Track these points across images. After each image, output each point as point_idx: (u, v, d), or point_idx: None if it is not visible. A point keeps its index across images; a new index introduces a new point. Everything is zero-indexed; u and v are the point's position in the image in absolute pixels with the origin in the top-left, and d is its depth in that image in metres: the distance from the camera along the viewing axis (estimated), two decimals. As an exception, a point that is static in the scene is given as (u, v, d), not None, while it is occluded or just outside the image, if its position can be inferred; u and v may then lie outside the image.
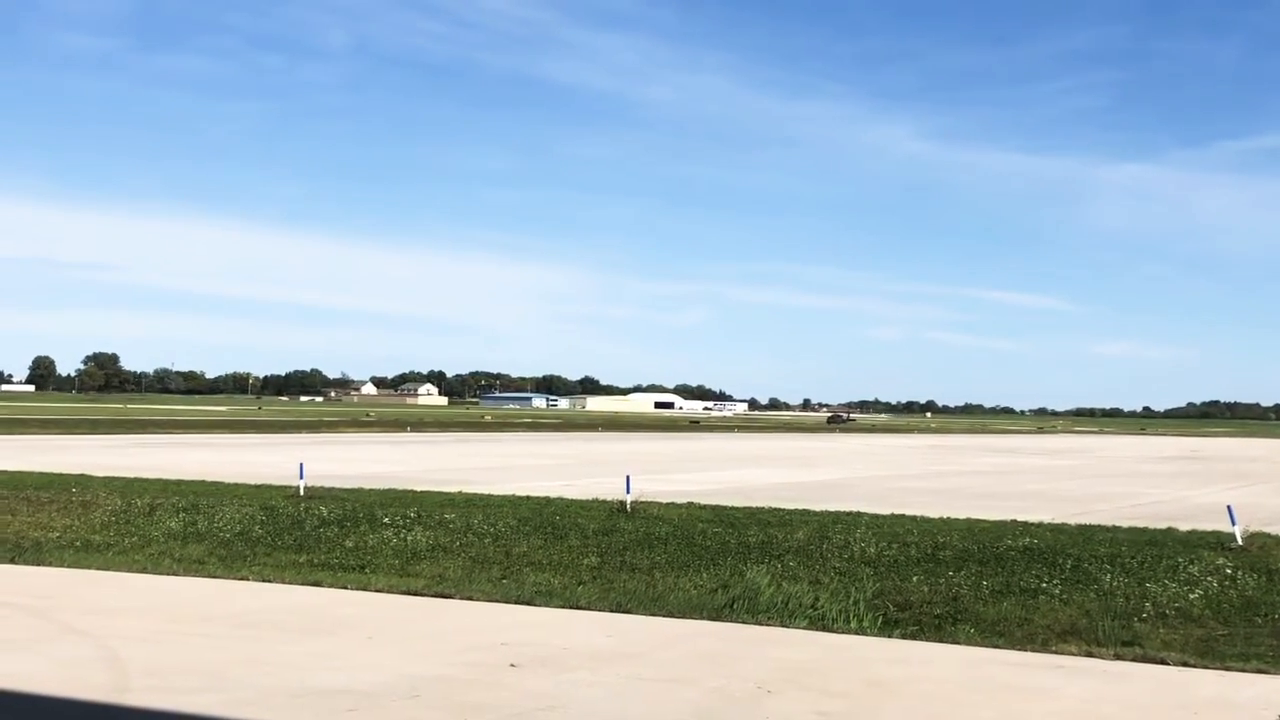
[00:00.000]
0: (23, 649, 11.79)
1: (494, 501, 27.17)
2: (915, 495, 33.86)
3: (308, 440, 71.04)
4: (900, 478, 44.20)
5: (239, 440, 68.93)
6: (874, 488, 37.35)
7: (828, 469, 49.50)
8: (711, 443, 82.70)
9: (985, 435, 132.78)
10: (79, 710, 9.70)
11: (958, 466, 55.28)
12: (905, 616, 14.07)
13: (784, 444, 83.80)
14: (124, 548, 18.69)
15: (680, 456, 59.06)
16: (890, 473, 47.83)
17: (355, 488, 30.45)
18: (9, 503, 24.66)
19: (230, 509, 23.73)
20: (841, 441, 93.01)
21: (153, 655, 11.53)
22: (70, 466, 37.18)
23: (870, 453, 70.58)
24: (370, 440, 73.50)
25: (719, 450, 68.87)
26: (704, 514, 25.04)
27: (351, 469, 40.54)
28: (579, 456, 57.10)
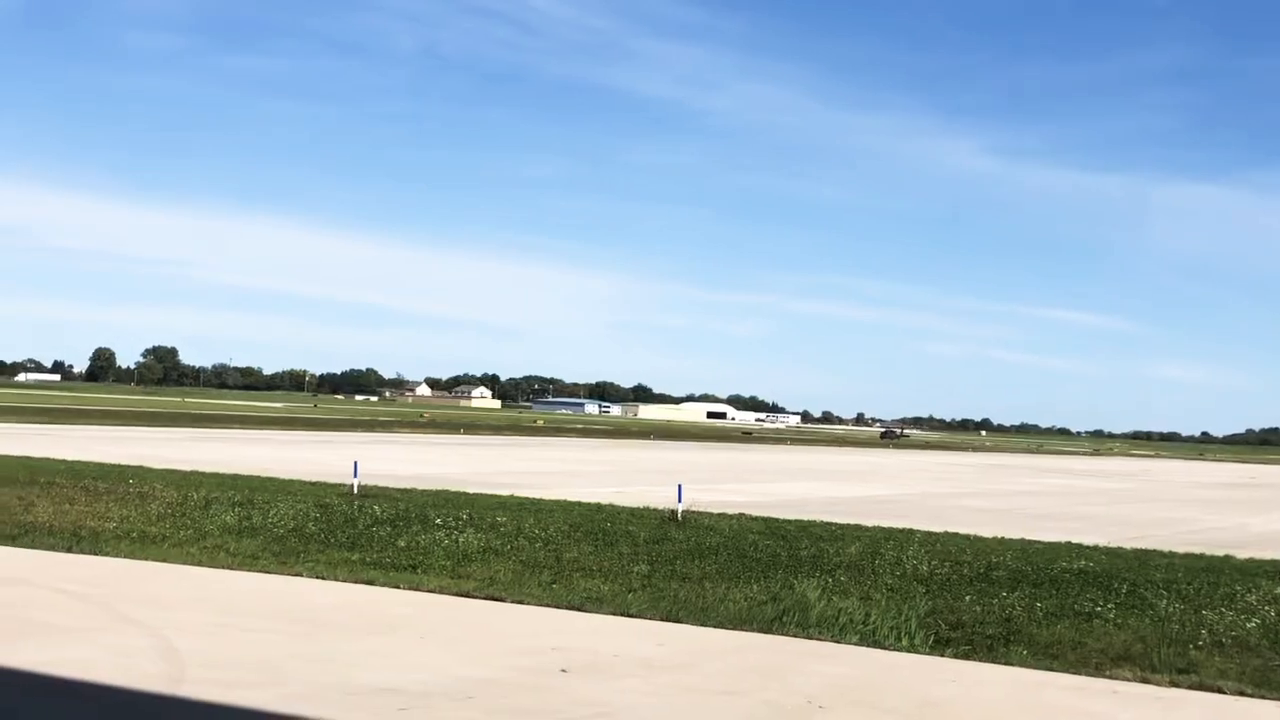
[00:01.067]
0: (80, 637, 11.93)
1: (545, 506, 27.24)
2: (969, 514, 33.63)
3: (362, 439, 71.49)
4: (954, 496, 43.89)
5: (294, 437, 69.49)
6: (927, 505, 37.12)
7: (881, 485, 49.24)
8: (763, 455, 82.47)
9: (1040, 455, 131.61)
10: (135, 699, 9.79)
11: (1012, 486, 54.82)
12: (957, 636, 13.95)
13: (837, 458, 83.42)
14: (179, 540, 18.85)
15: (732, 467, 58.94)
16: (944, 490, 47.52)
17: (408, 488, 30.63)
18: (68, 492, 24.98)
19: (285, 505, 23.92)
20: (895, 457, 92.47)
21: (207, 647, 11.63)
22: (128, 458, 37.63)
23: (924, 469, 70.13)
24: (424, 441, 73.87)
25: (771, 462, 68.66)
26: (755, 525, 24.99)
27: (405, 469, 40.77)
28: (630, 464, 57.12)
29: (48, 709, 9.70)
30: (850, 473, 60.02)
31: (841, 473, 59.49)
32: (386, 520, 22.40)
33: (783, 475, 53.61)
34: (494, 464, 50.20)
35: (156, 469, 33.03)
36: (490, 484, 34.52)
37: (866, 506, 34.20)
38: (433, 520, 22.55)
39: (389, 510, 24.02)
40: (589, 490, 34.20)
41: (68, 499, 23.68)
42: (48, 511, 21.46)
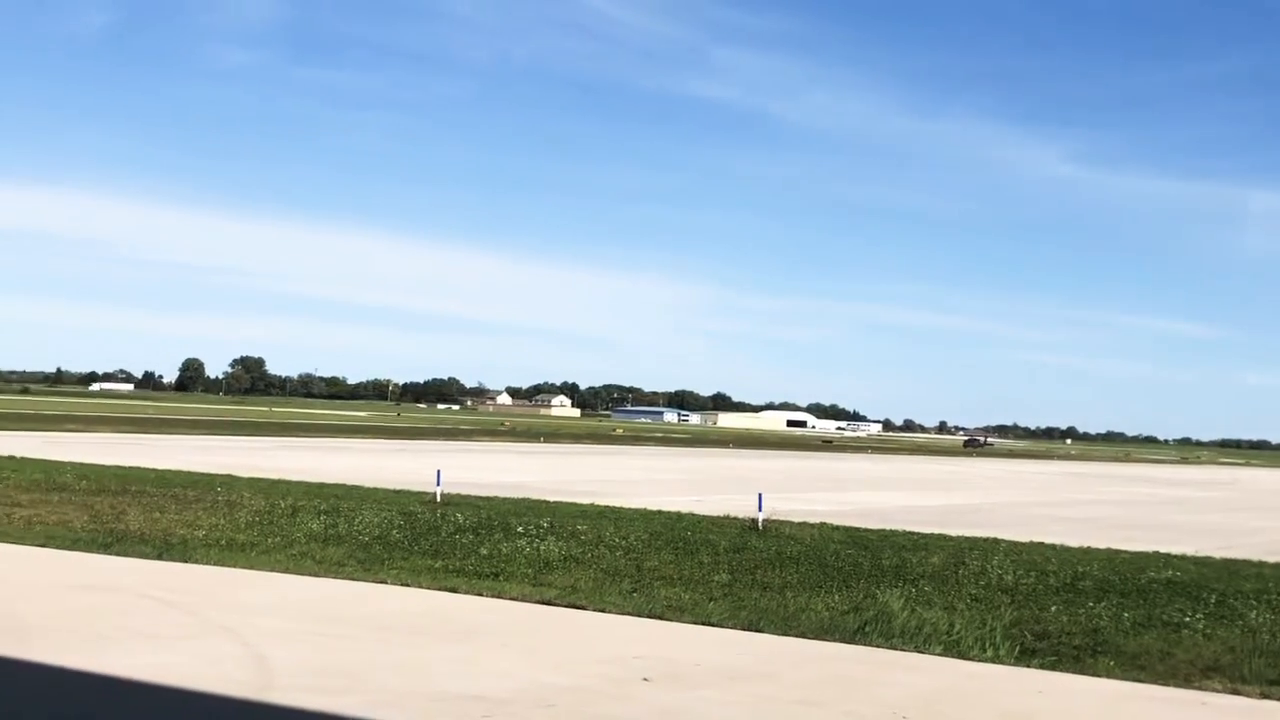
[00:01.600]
0: (170, 644, 12.14)
1: (625, 514, 27.30)
2: (1054, 523, 33.21)
3: (444, 447, 72.06)
4: (1039, 505, 43.37)
5: (378, 445, 70.21)
6: (1011, 514, 36.71)
7: (964, 493, 48.78)
8: (844, 463, 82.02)
9: (1127, 464, 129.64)
10: (224, 706, 9.95)
11: (1098, 495, 54.07)
12: (1043, 646, 13.79)
13: (919, 467, 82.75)
14: (267, 547, 19.11)
15: (812, 476, 58.68)
16: (1028, 499, 46.98)
17: (490, 496, 30.83)
18: (158, 500, 25.43)
19: (369, 513, 24.18)
20: (978, 466, 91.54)
21: (295, 654, 11.79)
22: (216, 467, 38.24)
23: (1008, 478, 69.36)
24: (504, 449, 74.32)
25: (852, 471, 68.27)
26: (837, 535, 24.86)
27: (486, 477, 41.03)
28: (710, 472, 57.05)
29: (138, 715, 9.89)
30: (933, 481, 59.51)
31: (924, 481, 58.99)
32: (469, 528, 22.56)
33: (864, 484, 53.29)
34: (574, 472, 50.37)
35: (244, 477, 33.53)
36: (571, 492, 34.65)
37: (950, 516, 33.89)
38: (514, 528, 22.68)
39: (471, 518, 24.19)
40: (669, 499, 34.22)
41: (158, 507, 24.10)
42: (139, 520, 21.87)
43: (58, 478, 29.81)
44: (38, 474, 30.75)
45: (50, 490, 26.60)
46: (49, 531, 19.88)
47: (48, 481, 28.63)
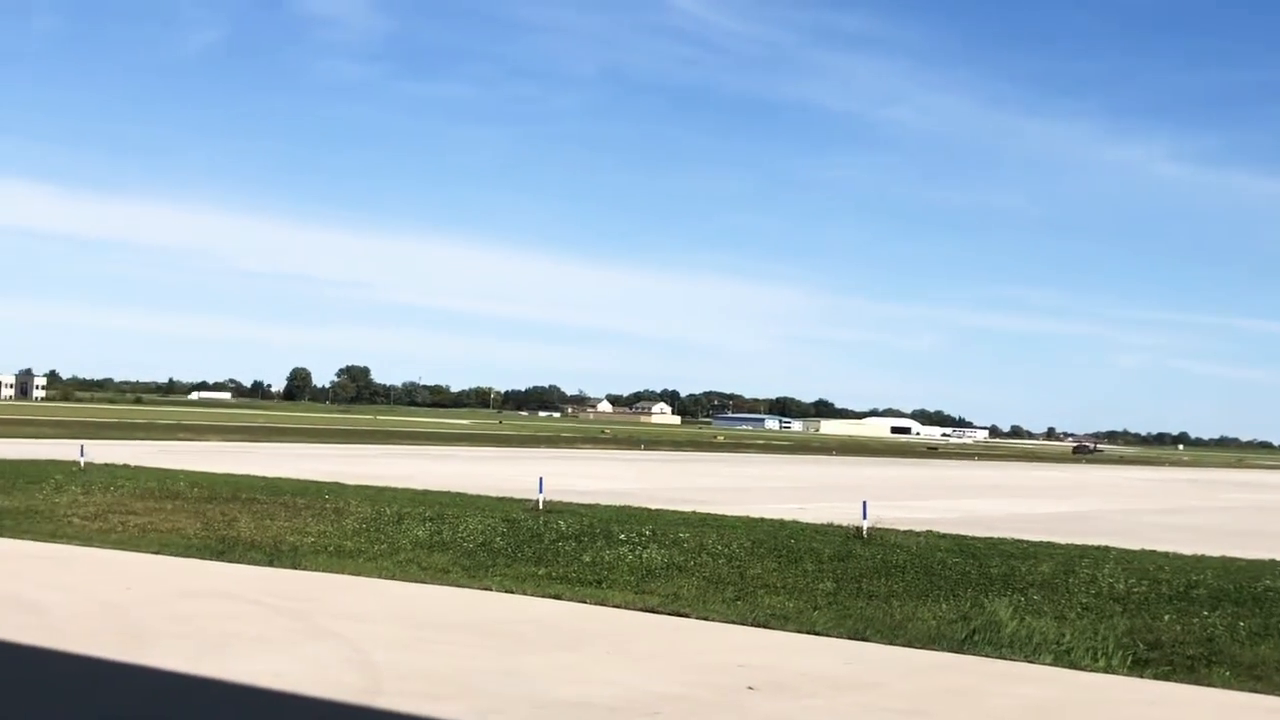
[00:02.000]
0: (280, 649, 12.35)
1: (728, 522, 27.24)
2: (1166, 531, 32.56)
3: (546, 455, 72.50)
4: (1151, 512, 42.55)
5: (481, 453, 70.84)
6: (1123, 522, 36.05)
7: (1073, 501, 47.99)
8: (950, 470, 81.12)
9: (1241, 470, 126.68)
10: (332, 711, 10.10)
11: (1212, 502, 52.89)
12: (1156, 656, 13.52)
13: (1026, 474, 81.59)
14: (374, 554, 19.36)
15: (917, 483, 58.12)
16: (1139, 506, 46.10)
17: (592, 503, 30.95)
18: (268, 508, 25.88)
19: (473, 520, 24.39)
20: (1087, 473, 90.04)
21: (402, 660, 11.93)
22: (324, 474, 38.83)
23: (1118, 485, 68.13)
24: (606, 457, 74.57)
25: (958, 478, 67.49)
26: (943, 543, 24.60)
27: (588, 484, 41.19)
28: (813, 480, 56.76)
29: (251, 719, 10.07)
30: (1041, 489, 58.64)
31: (1032, 489, 58.16)
32: (571, 535, 22.67)
33: (970, 491, 52.65)
34: (675, 480, 50.40)
35: (351, 485, 34.01)
36: (672, 500, 34.67)
37: (1059, 523, 33.37)
38: (617, 535, 22.74)
39: (574, 525, 24.30)
40: (771, 506, 34.09)
41: (268, 514, 24.53)
42: (249, 527, 22.27)
43: (171, 486, 30.47)
44: (151, 482, 31.45)
45: (163, 498, 27.19)
46: (163, 539, 20.33)
47: (161, 489, 29.27)
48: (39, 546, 19.40)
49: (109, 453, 46.12)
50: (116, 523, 22.30)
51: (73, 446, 44.33)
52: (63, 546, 19.45)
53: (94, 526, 21.72)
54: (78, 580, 16.21)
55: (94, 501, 25.77)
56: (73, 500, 25.88)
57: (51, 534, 20.67)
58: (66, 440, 55.94)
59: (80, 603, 14.52)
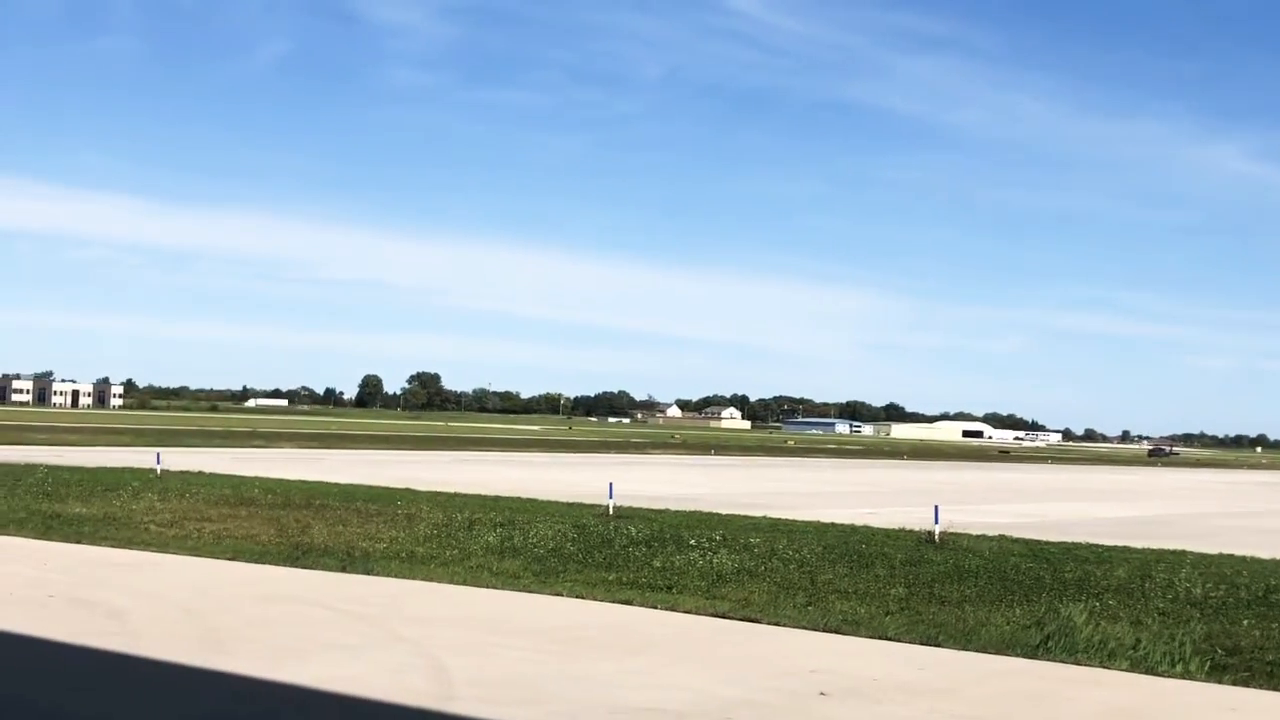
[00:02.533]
0: (355, 654, 12.48)
1: (798, 527, 27.15)
2: (1245, 534, 32.06)
3: (615, 460, 72.62)
4: (1228, 515, 41.90)
5: (551, 459, 71.08)
6: (1200, 525, 35.54)
7: (1149, 504, 47.36)
8: (1023, 474, 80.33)
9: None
10: (406, 716, 10.19)
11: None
12: (1235, 662, 13.32)
13: (1101, 477, 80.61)
14: (445, 560, 19.49)
15: (990, 487, 57.62)
16: (1217, 510, 45.40)
17: (662, 509, 30.96)
18: (341, 514, 26.13)
19: (544, 525, 24.49)
20: (1163, 476, 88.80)
21: (474, 665, 12.01)
22: (395, 481, 39.14)
23: (1195, 488, 67.14)
24: (675, 462, 74.56)
25: (1031, 482, 66.83)
26: (1016, 547, 24.37)
27: (657, 489, 41.22)
28: (884, 484, 56.43)
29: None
30: (1116, 492, 57.92)
31: (1107, 492, 57.45)
32: (641, 541, 22.70)
33: (1044, 495, 52.11)
34: (745, 485, 50.30)
35: (422, 491, 34.26)
36: (742, 505, 34.60)
37: (1135, 527, 32.95)
38: (687, 541, 22.74)
39: (644, 531, 24.33)
40: (842, 511, 33.94)
41: (341, 521, 24.77)
42: (323, 533, 22.50)
43: (245, 492, 30.85)
44: (226, 489, 31.87)
45: (238, 505, 27.54)
46: (237, 546, 20.59)
47: (235, 496, 29.65)
48: (117, 553, 19.73)
49: (184, 460, 46.80)
50: (192, 529, 22.62)
51: (149, 454, 45.03)
52: (140, 553, 19.77)
53: (170, 533, 22.05)
54: (156, 586, 16.47)
55: (170, 508, 26.15)
56: (149, 507, 26.28)
57: (129, 540, 21.01)
58: (143, 448, 56.82)
59: (159, 608, 14.75)
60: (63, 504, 26.28)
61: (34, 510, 24.75)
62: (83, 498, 27.83)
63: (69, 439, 68.60)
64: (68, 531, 21.78)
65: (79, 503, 26.69)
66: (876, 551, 22.50)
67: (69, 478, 33.33)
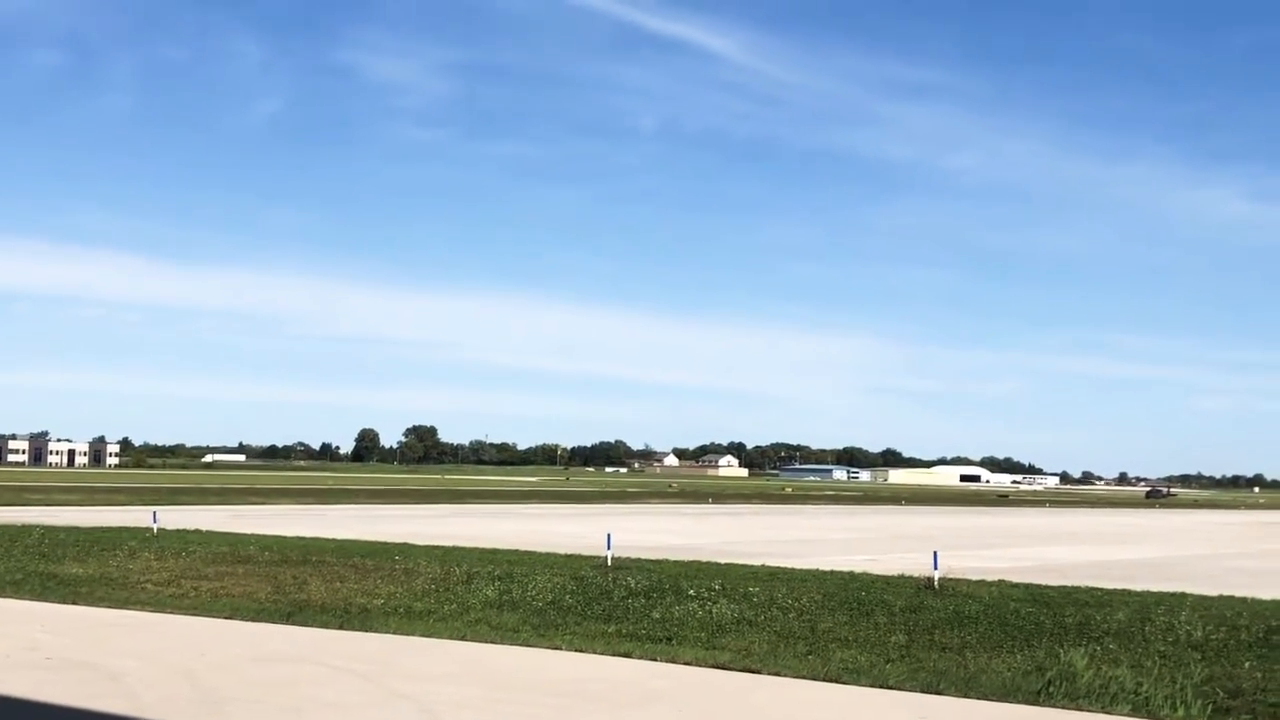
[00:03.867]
0: (353, 713, 12.41)
1: (797, 575, 27.09)
2: (1244, 575, 31.99)
3: (613, 510, 72.41)
4: (1227, 556, 41.81)
5: (548, 510, 70.88)
6: (1199, 567, 35.46)
7: (1148, 547, 47.26)
8: (1021, 518, 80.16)
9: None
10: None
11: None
12: (1237, 705, 13.28)
13: (1099, 520, 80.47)
14: (443, 614, 19.42)
15: (988, 532, 57.49)
16: (1216, 551, 45.30)
17: (660, 559, 30.88)
18: (338, 570, 26.04)
19: (542, 578, 24.42)
20: (1162, 518, 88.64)
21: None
22: (393, 535, 39.02)
23: (1194, 530, 67.01)
24: (673, 511, 74.36)
25: (1029, 526, 66.68)
26: (1016, 592, 24.32)
27: (656, 540, 41.11)
28: (882, 530, 56.29)
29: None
30: (1115, 535, 57.80)
31: (1105, 535, 57.33)
32: (640, 592, 22.63)
33: (1043, 539, 51.99)
34: (744, 533, 50.17)
35: (420, 545, 34.15)
36: (741, 553, 34.51)
37: (1134, 570, 32.89)
38: (686, 591, 22.68)
39: (642, 582, 24.26)
40: (841, 558, 33.85)
41: (338, 577, 24.67)
42: (320, 590, 22.42)
43: (242, 550, 30.74)
44: (223, 546, 31.75)
45: (235, 562, 27.44)
46: (234, 603, 20.51)
47: (232, 554, 29.54)
48: (113, 613, 19.64)
49: (181, 518, 46.63)
50: (189, 588, 22.52)
51: (146, 513, 44.88)
52: (136, 613, 19.68)
53: (167, 592, 21.96)
54: (152, 647, 16.39)
55: (167, 567, 26.06)
56: (146, 566, 26.18)
57: (125, 600, 20.92)
58: (139, 507, 56.64)
59: (155, 669, 14.67)
60: (59, 564, 26.17)
61: (30, 571, 24.65)
62: (79, 558, 27.72)
63: (65, 499, 68.36)
64: (64, 592, 21.69)
65: (75, 563, 26.58)
66: (876, 598, 22.44)
67: (65, 538, 33.21)
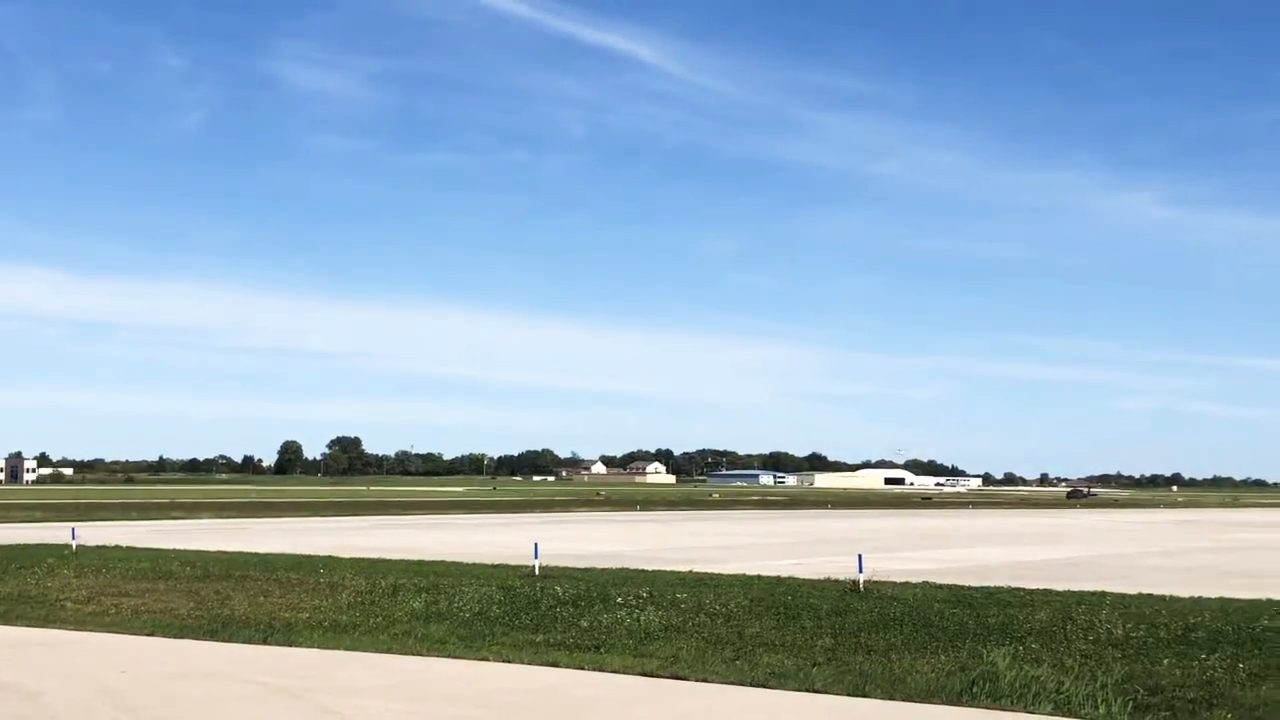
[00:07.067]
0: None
1: (725, 581, 27.18)
2: (1163, 574, 32.53)
3: (541, 520, 72.27)
4: (1146, 555, 42.50)
5: (476, 520, 70.57)
6: (1118, 566, 36.01)
7: (1069, 547, 47.93)
8: (945, 520, 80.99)
9: (1237, 509, 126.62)
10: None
11: (1208, 543, 52.83)
12: (1156, 701, 13.49)
13: (1021, 521, 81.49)
14: (370, 628, 19.29)
15: (912, 534, 58.01)
16: (1136, 550, 46.03)
17: (588, 567, 30.87)
18: (262, 584, 25.77)
19: (470, 589, 24.32)
20: (1082, 517, 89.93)
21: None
22: (318, 549, 38.67)
23: (1113, 529, 68.04)
24: (601, 519, 74.34)
25: (953, 528, 67.39)
26: (940, 594, 24.57)
27: (584, 548, 41.08)
28: (808, 535, 56.63)
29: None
30: (1036, 535, 58.55)
31: (1027, 535, 58.07)
32: (568, 600, 22.61)
33: (966, 540, 52.56)
34: (671, 540, 50.26)
35: (345, 558, 33.88)
36: (669, 560, 34.58)
37: (1055, 570, 33.34)
38: (614, 599, 22.69)
39: (570, 590, 24.24)
40: (768, 563, 34.02)
41: (262, 591, 24.43)
42: (244, 605, 22.18)
43: (163, 565, 30.33)
44: (144, 562, 31.31)
45: (156, 578, 27.07)
46: (155, 620, 20.23)
47: (154, 570, 29.15)
48: (32, 632, 19.31)
49: (101, 534, 45.91)
50: (109, 605, 22.19)
51: (65, 529, 44.15)
52: (56, 631, 19.37)
53: (87, 610, 21.62)
54: (72, 666, 16.12)
55: (86, 584, 25.65)
56: (65, 584, 25.77)
57: (44, 619, 20.58)
58: (58, 523, 55.69)
59: (75, 689, 14.43)
60: (-25, 584, 25.67)
61: (-55, 592, 24.15)
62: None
63: (-19, 516, 67.00)
64: (-20, 612, 21.28)
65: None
66: (803, 602, 22.57)
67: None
